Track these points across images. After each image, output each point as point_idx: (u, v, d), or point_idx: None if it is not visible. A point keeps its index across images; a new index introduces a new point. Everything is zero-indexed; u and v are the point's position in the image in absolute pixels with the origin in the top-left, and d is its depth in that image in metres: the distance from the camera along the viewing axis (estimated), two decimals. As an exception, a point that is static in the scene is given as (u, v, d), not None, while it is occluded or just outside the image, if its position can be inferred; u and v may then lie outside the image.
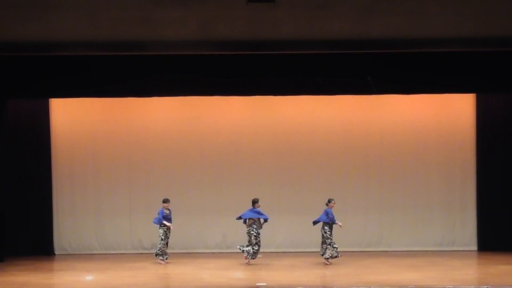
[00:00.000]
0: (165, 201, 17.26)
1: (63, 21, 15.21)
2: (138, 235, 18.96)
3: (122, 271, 16.22)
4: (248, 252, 16.63)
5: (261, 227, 16.77)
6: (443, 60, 16.24)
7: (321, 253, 16.74)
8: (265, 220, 16.79)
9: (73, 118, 18.99)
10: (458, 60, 16.25)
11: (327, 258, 16.66)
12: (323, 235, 16.70)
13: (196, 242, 18.88)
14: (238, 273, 15.93)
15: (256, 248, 16.67)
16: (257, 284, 14.60)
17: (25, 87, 16.79)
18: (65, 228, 18.93)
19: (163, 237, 17.15)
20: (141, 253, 18.80)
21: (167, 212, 17.24)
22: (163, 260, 17.12)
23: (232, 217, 17.50)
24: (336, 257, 16.65)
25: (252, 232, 16.66)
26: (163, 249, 17.16)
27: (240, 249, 16.75)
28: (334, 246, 16.63)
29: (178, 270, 16.44)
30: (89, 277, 15.51)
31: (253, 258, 16.70)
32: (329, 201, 16.76)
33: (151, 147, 18.99)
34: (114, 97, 17.93)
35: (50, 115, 18.83)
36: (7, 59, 16.13)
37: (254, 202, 16.85)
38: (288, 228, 18.63)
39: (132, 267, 16.70)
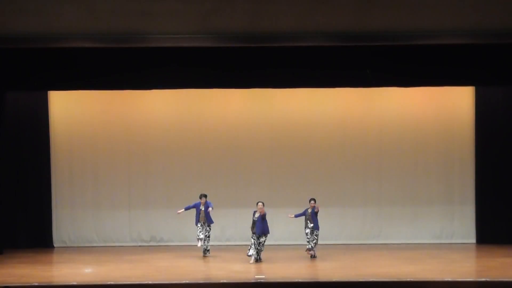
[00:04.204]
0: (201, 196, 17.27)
1: (62, 14, 15.17)
2: (137, 227, 18.98)
3: (121, 264, 16.24)
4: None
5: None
6: (442, 53, 16.23)
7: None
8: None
9: (72, 111, 18.98)
10: (457, 53, 16.24)
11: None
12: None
13: (195, 235, 18.85)
14: (237, 265, 15.93)
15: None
16: (256, 276, 14.63)
17: (23, 80, 16.79)
18: (64, 220, 18.94)
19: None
20: (140, 246, 18.83)
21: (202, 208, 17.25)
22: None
23: (230, 210, 17.43)
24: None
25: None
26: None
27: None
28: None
29: (177, 263, 16.45)
30: (88, 270, 15.52)
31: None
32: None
33: (150, 139, 18.99)
34: (113, 89, 17.93)
35: (48, 108, 18.82)
36: (5, 51, 16.07)
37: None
38: (286, 221, 18.61)
39: (131, 260, 16.72)
